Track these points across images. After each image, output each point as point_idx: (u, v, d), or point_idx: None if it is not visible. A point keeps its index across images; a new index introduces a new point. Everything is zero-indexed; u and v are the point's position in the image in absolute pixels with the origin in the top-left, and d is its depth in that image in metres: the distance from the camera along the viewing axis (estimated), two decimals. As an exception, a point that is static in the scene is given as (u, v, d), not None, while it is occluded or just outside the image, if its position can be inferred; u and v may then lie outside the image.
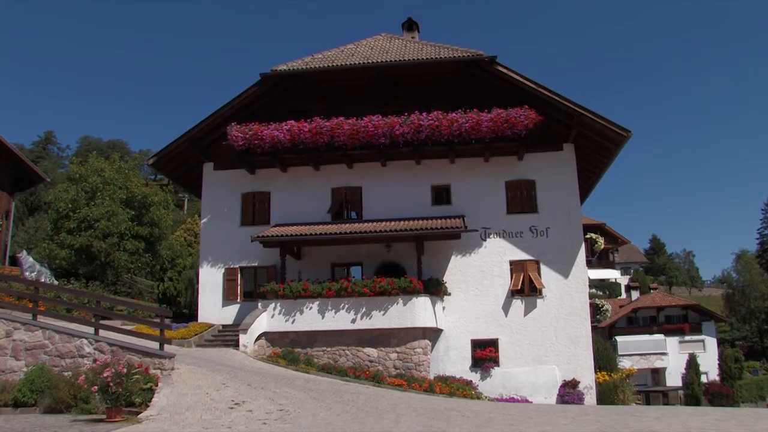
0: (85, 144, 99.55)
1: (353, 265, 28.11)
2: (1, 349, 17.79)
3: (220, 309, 28.39)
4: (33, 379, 16.03)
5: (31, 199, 66.37)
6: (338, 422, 12.93)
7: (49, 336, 17.70)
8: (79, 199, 40.38)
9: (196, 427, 12.18)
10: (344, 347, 25.13)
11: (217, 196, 29.89)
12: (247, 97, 29.01)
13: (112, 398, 13.44)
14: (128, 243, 39.97)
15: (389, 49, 29.95)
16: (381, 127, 26.75)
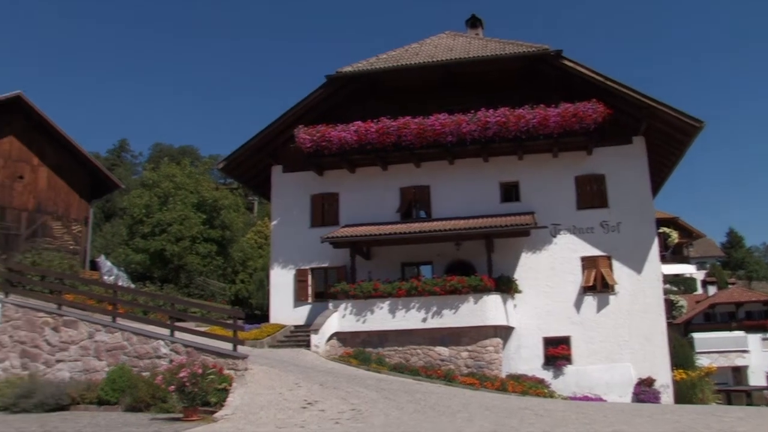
0: (157, 150, 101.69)
1: (423, 264, 28.07)
2: (85, 350, 18.41)
3: (291, 310, 28.70)
4: (114, 378, 16.53)
5: (107, 205, 68.17)
6: (410, 421, 12.91)
7: (128, 337, 18.20)
8: (153, 205, 41.36)
9: (270, 426, 12.31)
10: (415, 346, 25.11)
11: (286, 198, 30.24)
12: (314, 100, 29.28)
13: (189, 398, 13.72)
14: (200, 246, 40.73)
15: (453, 47, 29.83)
16: (448, 125, 26.65)
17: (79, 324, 18.82)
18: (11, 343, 19.19)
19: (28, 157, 35.24)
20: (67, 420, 14.47)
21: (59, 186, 35.91)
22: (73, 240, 36.21)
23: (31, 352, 18.95)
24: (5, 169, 34.59)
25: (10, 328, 19.33)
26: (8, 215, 34.09)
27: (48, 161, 35.75)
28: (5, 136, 34.81)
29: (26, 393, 16.37)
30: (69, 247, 35.38)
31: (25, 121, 35.28)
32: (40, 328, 19.10)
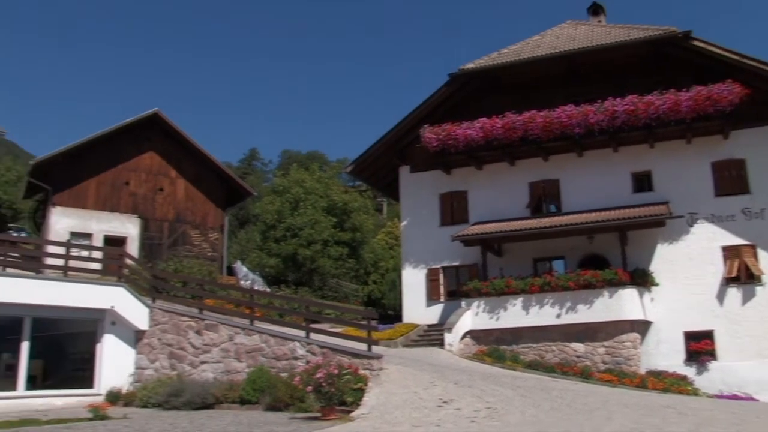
0: (286, 157, 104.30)
1: (555, 259, 27.56)
2: (226, 352, 19.16)
3: (424, 309, 28.82)
4: (254, 379, 17.14)
5: (241, 212, 70.45)
6: (547, 419, 12.72)
7: (265, 339, 18.79)
8: (284, 210, 42.48)
9: (406, 425, 12.40)
10: (550, 343, 24.71)
11: (415, 198, 30.41)
12: (438, 98, 29.32)
13: (326, 397, 14.02)
14: (332, 249, 41.51)
15: (576, 36, 29.16)
16: (575, 116, 26.09)
17: (220, 327, 19.62)
18: (160, 345, 20.25)
19: (166, 170, 36.92)
20: (212, 418, 15.12)
21: (196, 196, 37.45)
22: (211, 247, 37.67)
23: (178, 353, 19.92)
24: (147, 183, 36.39)
25: (158, 332, 20.42)
26: (151, 226, 35.85)
27: (185, 173, 37.34)
28: (146, 152, 36.65)
29: (175, 392, 17.33)
30: (207, 254, 36.84)
31: (163, 137, 37.00)
32: (184, 331, 20.05)
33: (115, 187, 35.70)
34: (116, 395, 19.08)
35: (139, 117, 36.51)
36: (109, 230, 34.87)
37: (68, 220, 34.14)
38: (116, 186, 35.75)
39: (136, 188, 36.22)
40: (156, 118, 36.93)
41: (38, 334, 19.33)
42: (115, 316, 20.25)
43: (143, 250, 35.13)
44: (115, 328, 20.32)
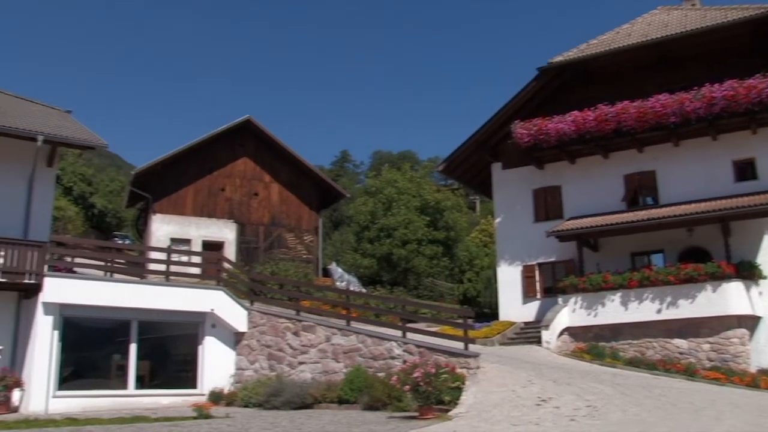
0: (377, 158, 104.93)
1: (654, 252, 26.74)
2: (323, 353, 19.40)
3: (520, 306, 28.49)
4: (352, 379, 17.28)
5: (334, 214, 71.24)
6: (650, 418, 12.38)
7: (362, 340, 18.91)
8: (377, 211, 42.73)
9: (504, 424, 12.28)
10: (651, 339, 23.99)
11: (508, 195, 30.11)
12: (527, 93, 28.95)
13: (423, 397, 14.01)
14: (426, 248, 41.52)
15: (668, 22, 28.22)
16: (670, 105, 25.28)
17: (317, 328, 19.87)
18: (259, 346, 20.66)
19: (261, 175, 37.70)
20: (311, 417, 15.33)
21: (290, 200, 38.09)
22: (306, 249, 38.24)
23: (277, 354, 20.28)
24: (242, 188, 37.23)
25: (257, 333, 20.84)
26: (247, 230, 36.66)
27: (279, 177, 38.03)
28: (240, 158, 37.51)
29: (275, 392, 17.63)
30: (302, 256, 37.42)
31: (256, 142, 37.78)
32: (282, 332, 20.39)
33: (211, 194, 36.70)
34: (218, 395, 19.59)
35: (232, 124, 37.44)
36: (207, 235, 35.87)
37: (168, 227, 35.29)
38: (212, 192, 36.75)
39: (231, 194, 37.13)
40: (248, 124, 37.78)
41: (144, 337, 20.10)
42: (216, 318, 20.78)
43: (240, 253, 35.97)
44: (215, 331, 20.87)
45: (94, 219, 62.62)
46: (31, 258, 18.76)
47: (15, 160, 20.30)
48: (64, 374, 18.74)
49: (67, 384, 18.65)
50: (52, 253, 19.73)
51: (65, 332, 18.83)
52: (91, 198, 63.30)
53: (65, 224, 47.63)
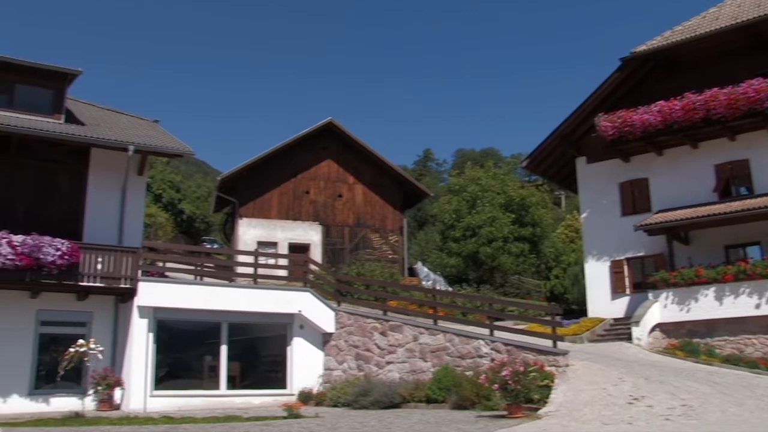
0: (460, 156, 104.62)
1: (749, 245, 25.68)
2: (411, 352, 19.42)
3: (609, 302, 27.89)
4: (440, 378, 17.26)
5: (419, 214, 71.34)
6: (753, 419, 11.93)
7: (450, 339, 18.85)
8: (462, 209, 42.54)
9: (596, 423, 12.05)
10: (749, 335, 23.08)
11: (593, 189, 29.53)
12: (610, 85, 28.31)
13: (512, 395, 13.87)
14: (512, 246, 41.11)
15: (761, 2, 26.99)
16: (764, 90, 24.27)
17: (404, 328, 19.90)
18: (347, 347, 20.84)
19: (344, 177, 38.03)
20: (400, 416, 15.35)
21: (374, 201, 38.29)
22: (391, 249, 38.36)
23: (364, 354, 20.40)
24: (326, 190, 37.62)
25: (344, 334, 21.02)
26: (333, 231, 37.03)
27: (362, 179, 38.26)
28: (323, 160, 37.94)
29: (363, 392, 17.73)
30: (388, 257, 37.56)
31: (339, 145, 38.13)
32: (369, 332, 20.50)
33: (296, 196, 37.23)
34: (308, 395, 19.85)
35: (314, 127, 37.88)
36: (293, 238, 36.41)
37: (255, 230, 35.98)
38: (297, 195, 37.27)
39: (316, 196, 37.58)
40: (331, 126, 38.17)
41: (234, 338, 20.58)
42: (303, 319, 21.06)
43: (326, 255, 36.36)
44: (303, 332, 21.15)
45: (183, 224, 64.39)
46: (126, 263, 19.53)
47: (109, 169, 21.11)
48: (160, 375, 19.44)
49: (163, 384, 19.35)
50: (145, 258, 20.46)
51: (159, 334, 19.51)
52: (179, 204, 65.13)
53: (156, 230, 49.06)
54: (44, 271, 18.27)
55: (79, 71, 21.79)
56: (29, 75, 21.52)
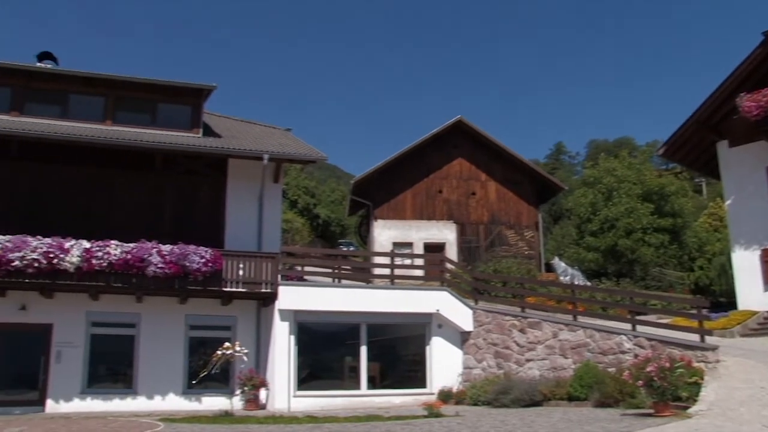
0: (593, 147, 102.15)
1: None
2: (551, 349, 19.14)
3: (761, 294, 26.39)
4: (581, 375, 16.92)
5: (553, 208, 70.15)
6: None
7: (590, 334, 18.46)
8: (597, 202, 41.57)
9: (755, 425, 11.39)
10: None
11: (738, 174, 28.07)
12: (752, 62, 26.77)
13: (658, 392, 13.37)
14: (652, 237, 39.83)
15: None
16: None
17: (543, 324, 19.64)
18: (485, 345, 20.75)
19: (476, 174, 37.94)
20: (541, 415, 15.14)
21: (508, 197, 38.01)
22: (527, 245, 37.92)
23: (503, 352, 20.26)
24: (459, 189, 37.63)
25: (483, 332, 20.95)
26: (467, 230, 37.00)
27: (495, 175, 38.07)
28: (454, 159, 37.96)
29: (503, 390, 17.60)
30: (524, 253, 37.15)
31: (469, 142, 38.06)
32: (508, 330, 20.34)
33: (429, 196, 37.42)
34: (447, 394, 19.91)
35: (444, 126, 37.94)
36: (427, 238, 36.60)
37: (390, 231, 36.41)
38: (430, 195, 37.45)
39: (449, 195, 37.63)
40: (460, 124, 38.11)
41: (373, 339, 20.92)
42: (441, 319, 21.13)
43: (461, 253, 36.34)
44: (441, 331, 21.22)
45: (319, 229, 65.85)
46: (266, 268, 20.27)
47: (246, 179, 21.99)
48: (302, 375, 20.03)
49: (305, 384, 19.97)
50: (283, 263, 21.08)
51: (300, 336, 20.16)
52: (315, 209, 66.65)
53: (293, 235, 50.39)
54: (191, 278, 19.32)
55: (214, 86, 22.84)
56: (169, 93, 22.83)
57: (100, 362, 20.24)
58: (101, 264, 18.68)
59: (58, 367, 19.59)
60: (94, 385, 19.91)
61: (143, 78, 22.66)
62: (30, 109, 21.78)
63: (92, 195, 21.31)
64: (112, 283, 19.05)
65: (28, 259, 18.16)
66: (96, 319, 20.21)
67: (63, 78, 22.52)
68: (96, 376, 20.07)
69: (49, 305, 19.72)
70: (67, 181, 21.19)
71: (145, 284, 19.25)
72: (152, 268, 18.93)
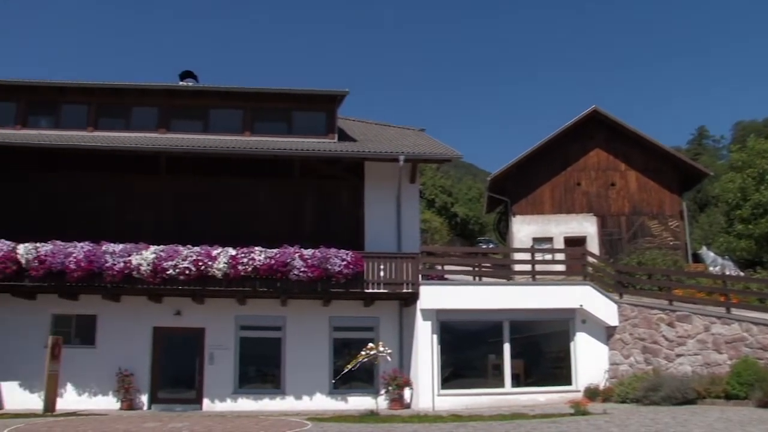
0: (739, 129, 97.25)
1: None
2: (702, 344, 18.39)
3: None
4: (739, 372, 16.18)
5: (698, 195, 67.22)
6: None
7: (746, 328, 17.65)
8: (747, 187, 39.41)
9: None
10: None
11: None
12: None
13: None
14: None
15: None
16: None
17: (693, 318, 18.89)
18: (632, 340, 20.15)
19: (615, 164, 36.99)
20: (695, 414, 14.58)
21: (649, 186, 36.87)
22: (672, 235, 36.60)
23: (651, 347, 19.60)
24: (597, 180, 36.78)
25: (629, 326, 20.33)
26: (608, 222, 36.12)
27: (634, 165, 37.02)
28: (591, 150, 37.13)
29: (653, 387, 17.07)
30: (668, 243, 35.86)
31: (606, 132, 37.14)
32: (655, 324, 19.67)
33: (567, 189, 36.76)
34: (594, 391, 19.46)
35: (578, 117, 37.15)
36: (567, 232, 35.96)
37: (529, 227, 36.05)
38: (568, 188, 36.79)
39: (587, 187, 36.82)
40: (596, 115, 37.18)
41: (516, 336, 20.72)
42: (585, 314, 20.67)
43: (603, 246, 35.46)
44: (586, 326, 20.76)
45: (457, 227, 65.80)
46: (407, 269, 20.50)
47: (382, 180, 22.32)
48: (445, 374, 20.09)
49: (448, 383, 20.02)
50: (423, 263, 21.21)
51: (442, 335, 20.24)
52: (452, 207, 66.62)
53: (432, 235, 50.55)
54: (333, 281, 19.78)
55: (346, 91, 23.35)
56: (303, 101, 23.60)
57: (250, 363, 21.24)
58: (247, 270, 19.50)
59: (212, 368, 20.74)
60: (244, 385, 20.97)
61: (277, 88, 23.47)
62: (175, 126, 23.06)
63: (235, 204, 22.27)
64: (257, 287, 19.84)
65: (180, 267, 19.26)
66: (244, 322, 21.22)
67: (203, 94, 23.72)
68: (246, 376, 21.10)
69: (200, 310, 20.86)
70: (211, 192, 22.27)
71: (289, 288, 19.91)
72: (295, 272, 19.57)
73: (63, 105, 23.36)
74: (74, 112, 23.19)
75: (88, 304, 20.70)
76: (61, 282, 19.46)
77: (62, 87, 23.37)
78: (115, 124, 23.19)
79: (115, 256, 19.36)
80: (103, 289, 19.76)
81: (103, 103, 23.37)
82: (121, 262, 19.28)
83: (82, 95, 23.24)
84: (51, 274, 19.29)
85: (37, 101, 23.44)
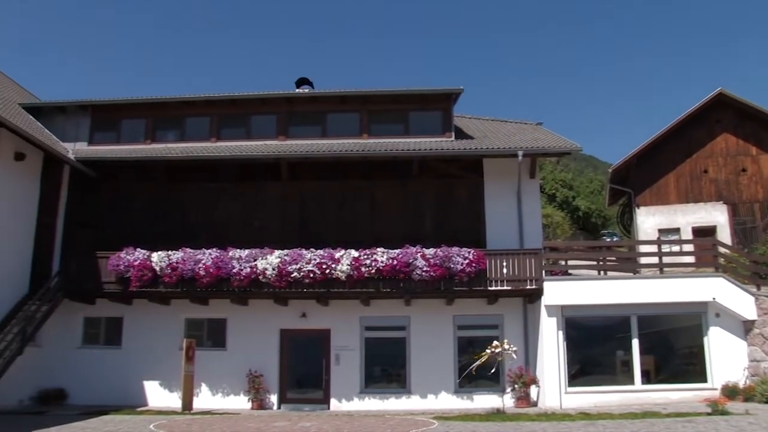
0: None
1: None
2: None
3: None
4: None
5: None
6: None
7: None
8: None
9: None
10: None
11: None
12: None
13: None
14: None
15: None
16: None
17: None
18: (772, 335, 19.03)
19: (745, 149, 35.34)
20: None
21: (791, 172, 34.93)
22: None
23: (794, 343, 18.48)
24: (726, 166, 35.20)
25: (768, 321, 19.21)
26: (740, 210, 34.51)
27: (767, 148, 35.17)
28: (718, 135, 35.52)
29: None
30: (810, 231, 33.85)
31: (733, 115, 35.49)
32: (799, 318, 18.53)
33: (693, 177, 35.32)
34: (733, 389, 18.43)
35: (703, 102, 35.56)
36: (695, 222, 34.57)
37: (653, 218, 34.88)
38: (694, 176, 35.33)
39: (715, 174, 35.24)
40: (721, 97, 35.50)
41: (644, 331, 20.01)
42: (718, 307, 19.70)
43: (735, 236, 33.83)
44: (720, 320, 19.75)
45: (579, 221, 64.47)
46: (530, 265, 20.27)
47: (502, 177, 22.19)
48: (572, 371, 19.65)
49: (576, 381, 19.58)
50: (547, 258, 20.84)
51: (568, 332, 19.84)
52: (574, 201, 65.32)
53: (554, 230, 49.67)
54: (455, 280, 19.71)
55: (461, 89, 23.23)
56: (418, 101, 23.62)
57: (375, 364, 21.50)
58: (370, 271, 19.72)
59: (338, 368, 21.11)
60: (370, 385, 21.24)
61: (393, 89, 23.61)
62: (293, 132, 23.55)
63: (355, 206, 22.60)
64: (381, 288, 20.05)
65: (304, 270, 19.71)
66: (369, 323, 21.49)
67: (320, 99, 24.17)
68: (372, 376, 21.36)
69: (325, 312, 21.25)
70: (331, 195, 22.65)
71: (412, 288, 20.00)
72: (418, 272, 19.64)
73: (187, 119, 24.30)
74: (197, 124, 24.14)
75: (218, 308, 21.56)
76: (192, 287, 20.44)
77: (187, 101, 24.31)
78: (236, 134, 23.95)
79: (242, 261, 20.05)
80: (231, 293, 20.58)
81: (225, 114, 24.20)
82: (247, 267, 19.93)
83: (205, 108, 24.10)
84: (183, 280, 20.37)
85: (164, 116, 24.46)
